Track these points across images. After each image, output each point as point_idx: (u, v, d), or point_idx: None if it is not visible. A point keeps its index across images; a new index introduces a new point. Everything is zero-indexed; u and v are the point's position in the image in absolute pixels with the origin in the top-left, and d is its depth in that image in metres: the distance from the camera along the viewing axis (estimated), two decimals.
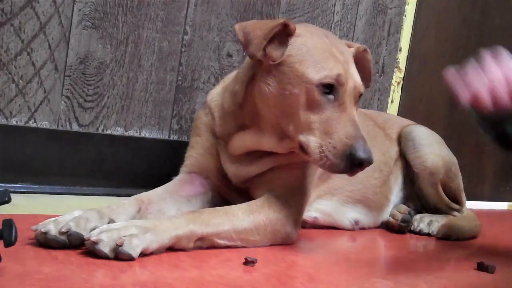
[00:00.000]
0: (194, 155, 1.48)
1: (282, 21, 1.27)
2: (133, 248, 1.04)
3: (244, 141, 1.39)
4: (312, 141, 1.24)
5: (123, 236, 1.04)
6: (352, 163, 1.22)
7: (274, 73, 1.29)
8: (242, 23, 1.31)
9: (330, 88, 1.25)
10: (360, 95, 1.32)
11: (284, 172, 1.41)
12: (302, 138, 1.26)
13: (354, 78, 1.29)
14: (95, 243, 1.02)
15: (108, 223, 1.11)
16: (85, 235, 1.06)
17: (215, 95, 1.50)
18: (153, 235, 1.09)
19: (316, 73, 1.25)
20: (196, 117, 1.56)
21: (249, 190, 1.43)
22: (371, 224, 1.79)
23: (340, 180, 1.66)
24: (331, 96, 1.26)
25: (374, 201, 1.77)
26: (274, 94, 1.29)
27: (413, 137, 1.88)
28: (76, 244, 1.05)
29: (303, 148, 1.27)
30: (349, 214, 1.70)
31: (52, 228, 1.04)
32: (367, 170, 1.72)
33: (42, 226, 1.05)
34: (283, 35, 1.28)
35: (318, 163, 1.25)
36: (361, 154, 1.21)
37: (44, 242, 1.04)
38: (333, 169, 1.24)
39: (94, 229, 1.07)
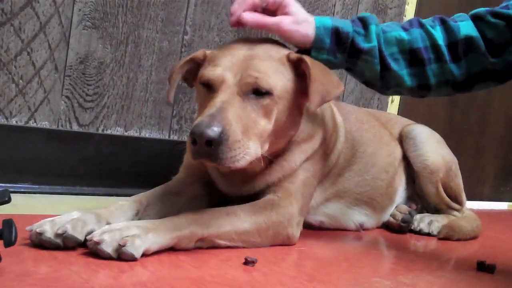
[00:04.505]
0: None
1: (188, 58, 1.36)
2: (136, 248, 1.04)
3: None
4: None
5: (126, 237, 1.04)
6: (192, 143, 1.13)
7: None
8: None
9: (209, 84, 1.26)
10: (257, 89, 1.23)
11: (281, 184, 1.39)
12: None
13: (243, 72, 1.24)
14: (97, 243, 1.02)
15: None
16: (81, 238, 1.05)
17: None
18: (155, 236, 1.09)
19: (200, 73, 1.29)
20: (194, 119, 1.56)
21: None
22: (375, 225, 1.79)
23: (349, 182, 1.65)
24: (211, 91, 1.25)
25: (380, 202, 1.77)
26: None
27: (414, 135, 1.88)
28: (71, 247, 1.05)
29: None
30: (354, 217, 1.70)
31: (47, 229, 1.04)
32: (374, 172, 1.73)
33: (37, 227, 1.04)
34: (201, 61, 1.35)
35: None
36: (193, 128, 1.12)
37: (39, 243, 1.04)
38: (188, 156, 1.18)
39: (90, 232, 1.06)
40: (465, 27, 1.41)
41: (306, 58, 1.30)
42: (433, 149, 1.87)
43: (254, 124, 1.22)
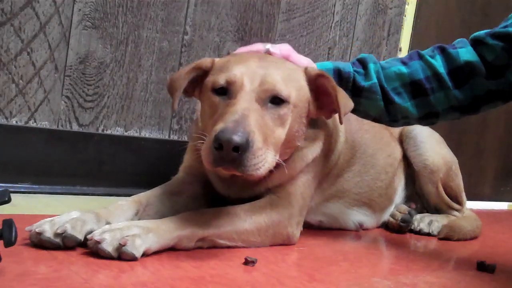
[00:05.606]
0: (191, 158, 1.47)
1: (193, 65, 1.32)
2: (136, 248, 1.04)
3: None
4: (206, 141, 1.15)
5: (126, 236, 1.04)
6: (216, 148, 1.09)
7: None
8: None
9: (223, 90, 1.23)
10: (275, 97, 1.23)
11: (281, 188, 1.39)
12: None
13: (261, 79, 1.23)
14: (98, 242, 1.02)
15: None
16: (80, 238, 1.05)
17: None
18: (155, 236, 1.09)
19: (210, 80, 1.27)
20: (193, 120, 1.55)
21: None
22: (374, 225, 1.79)
23: (348, 183, 1.65)
24: (224, 96, 1.23)
25: (379, 203, 1.77)
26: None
27: (414, 135, 1.89)
28: (70, 246, 1.05)
29: None
30: (354, 217, 1.70)
31: (47, 229, 1.04)
32: (373, 173, 1.73)
33: (37, 227, 1.05)
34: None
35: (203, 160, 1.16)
36: (219, 133, 1.08)
37: (38, 242, 1.04)
38: (205, 162, 1.14)
39: (90, 232, 1.07)
40: (465, 53, 1.43)
41: (325, 73, 1.32)
42: (433, 148, 1.88)
43: (271, 132, 1.21)
